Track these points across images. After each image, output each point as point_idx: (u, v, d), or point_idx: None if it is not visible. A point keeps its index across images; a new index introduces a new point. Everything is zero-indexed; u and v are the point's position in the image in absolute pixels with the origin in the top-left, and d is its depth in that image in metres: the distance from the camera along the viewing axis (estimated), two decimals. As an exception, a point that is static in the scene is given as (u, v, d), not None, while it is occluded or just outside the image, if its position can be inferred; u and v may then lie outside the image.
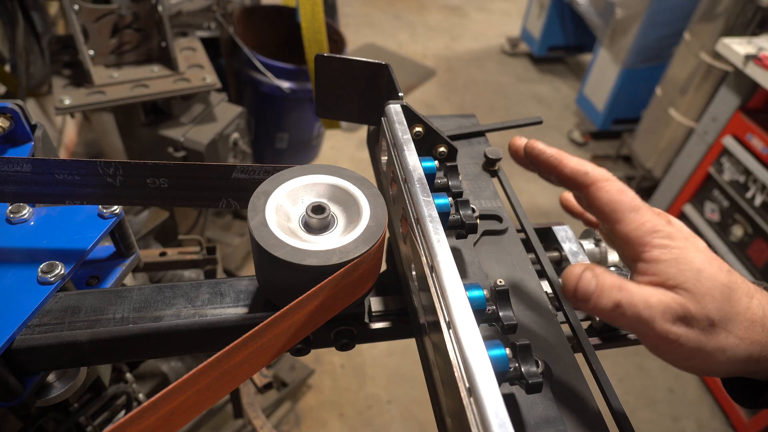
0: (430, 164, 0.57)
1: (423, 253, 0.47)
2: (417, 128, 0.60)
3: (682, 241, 0.42)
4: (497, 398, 0.35)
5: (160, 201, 0.56)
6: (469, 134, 0.77)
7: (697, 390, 2.27)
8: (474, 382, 0.36)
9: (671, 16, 2.79)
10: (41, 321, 0.51)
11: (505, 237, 0.66)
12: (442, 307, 0.42)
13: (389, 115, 0.59)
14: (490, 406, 0.35)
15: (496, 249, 0.64)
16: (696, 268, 0.41)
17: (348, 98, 0.70)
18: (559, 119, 3.74)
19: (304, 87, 2.07)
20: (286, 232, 0.47)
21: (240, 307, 0.54)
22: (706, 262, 0.41)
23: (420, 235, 0.48)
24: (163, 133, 1.57)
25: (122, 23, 1.41)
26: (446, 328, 0.41)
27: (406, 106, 0.59)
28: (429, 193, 0.50)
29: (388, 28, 4.59)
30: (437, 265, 0.44)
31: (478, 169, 0.72)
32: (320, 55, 0.66)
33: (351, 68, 0.66)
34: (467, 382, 0.37)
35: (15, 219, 0.59)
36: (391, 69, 0.63)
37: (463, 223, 0.54)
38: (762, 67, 1.90)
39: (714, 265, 0.41)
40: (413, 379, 2.16)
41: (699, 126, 2.38)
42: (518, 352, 0.43)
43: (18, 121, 0.65)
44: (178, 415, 0.38)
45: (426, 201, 0.49)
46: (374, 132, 0.73)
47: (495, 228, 0.66)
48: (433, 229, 0.46)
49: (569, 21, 3.92)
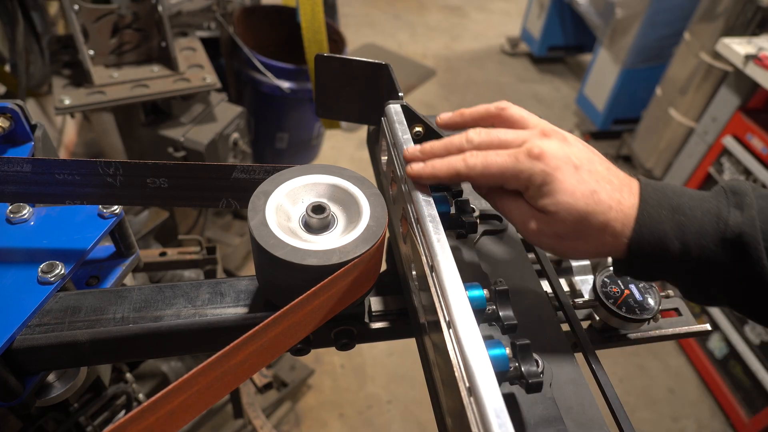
0: None
1: (423, 252, 0.47)
2: (417, 128, 0.60)
3: (553, 169, 0.47)
4: (497, 398, 0.35)
5: (160, 201, 0.56)
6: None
7: (697, 390, 2.27)
8: (474, 382, 0.36)
9: (671, 16, 2.79)
10: (41, 321, 0.51)
11: (504, 236, 0.66)
12: (442, 306, 0.42)
13: (389, 114, 0.59)
14: (490, 405, 0.35)
15: (496, 248, 0.64)
16: (560, 200, 0.47)
17: (348, 98, 0.70)
18: (559, 119, 3.74)
19: (304, 87, 2.07)
20: (286, 231, 0.47)
21: (240, 307, 0.54)
22: (572, 189, 0.47)
23: (420, 234, 0.48)
24: (163, 133, 1.57)
25: (122, 23, 1.41)
26: (446, 328, 0.41)
27: (406, 105, 0.59)
28: (429, 192, 0.51)
29: (388, 28, 4.58)
30: (437, 264, 0.44)
31: None
32: (320, 55, 0.66)
33: (351, 68, 0.66)
34: (467, 382, 0.37)
35: (15, 219, 0.59)
36: (390, 69, 0.63)
37: (463, 222, 0.55)
38: (762, 67, 1.89)
39: (578, 192, 0.47)
40: (413, 379, 2.16)
41: (699, 126, 2.38)
42: (518, 352, 0.43)
43: (18, 121, 0.65)
44: (179, 415, 0.38)
45: (426, 201, 0.50)
46: (374, 132, 0.73)
47: (495, 228, 0.66)
48: (433, 229, 0.47)
49: (569, 21, 3.92)
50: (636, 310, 0.60)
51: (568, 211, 0.47)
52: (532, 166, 0.48)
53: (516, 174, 0.48)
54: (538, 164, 0.48)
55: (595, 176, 0.48)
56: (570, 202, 0.47)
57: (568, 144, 0.50)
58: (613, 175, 0.50)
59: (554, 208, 0.48)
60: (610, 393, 0.51)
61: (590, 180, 0.48)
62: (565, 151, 0.49)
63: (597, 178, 0.48)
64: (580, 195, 0.47)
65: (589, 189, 0.47)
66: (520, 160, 0.48)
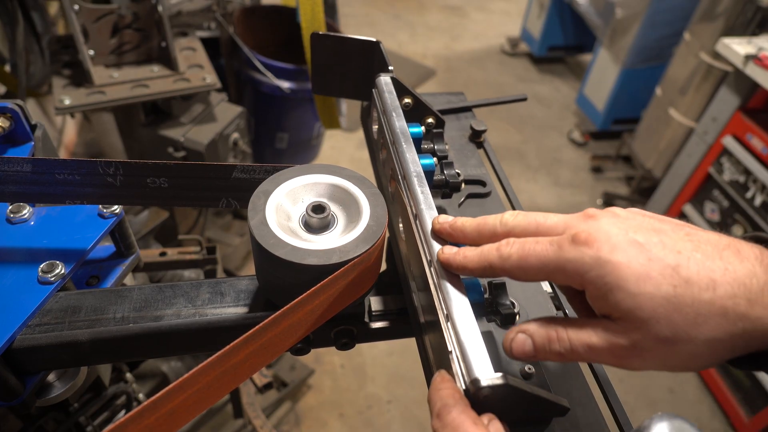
0: (417, 129, 0.61)
1: (408, 204, 0.51)
2: (406, 99, 0.64)
3: (608, 252, 0.36)
4: (471, 319, 0.40)
5: (160, 201, 0.56)
6: (457, 109, 0.81)
7: (697, 390, 2.27)
8: (449, 305, 0.41)
9: (671, 16, 2.79)
10: (41, 321, 0.51)
11: (488, 200, 0.69)
12: (425, 250, 0.47)
13: (379, 86, 0.63)
14: (462, 324, 0.40)
15: (480, 210, 0.67)
16: (632, 292, 0.35)
17: (342, 75, 0.73)
18: (559, 119, 3.74)
19: (304, 87, 2.07)
20: (286, 231, 0.47)
21: (240, 306, 0.54)
22: (643, 273, 0.35)
23: (405, 188, 0.52)
24: (163, 133, 1.57)
25: (122, 23, 1.41)
26: (427, 266, 0.46)
27: (395, 78, 0.63)
28: (414, 152, 0.54)
29: (388, 28, 4.58)
30: (420, 212, 0.48)
31: (465, 140, 0.76)
32: (316, 33, 0.68)
33: (345, 45, 0.69)
34: (445, 309, 0.42)
35: (15, 219, 0.59)
36: (382, 46, 0.67)
37: (447, 182, 0.58)
38: (762, 67, 1.89)
39: (654, 272, 0.35)
40: (413, 379, 2.16)
41: (699, 126, 2.38)
42: (494, 289, 0.48)
43: (18, 121, 0.65)
44: (179, 415, 0.38)
45: (412, 159, 0.53)
46: (367, 107, 0.76)
47: (479, 191, 0.69)
48: (417, 183, 0.51)
49: (569, 21, 3.92)
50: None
51: (651, 303, 0.35)
52: (581, 255, 0.37)
53: (561, 266, 0.38)
54: (587, 251, 0.37)
55: (672, 247, 0.37)
56: (647, 290, 0.35)
57: (622, 218, 0.40)
58: (698, 240, 0.37)
59: (629, 303, 0.36)
60: (610, 393, 0.51)
61: (666, 253, 0.36)
62: (620, 226, 0.38)
63: (676, 248, 0.36)
64: (657, 276, 0.35)
65: (668, 265, 0.36)
66: (564, 248, 0.38)
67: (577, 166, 3.36)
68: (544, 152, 3.45)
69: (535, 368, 0.48)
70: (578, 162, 3.38)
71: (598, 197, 3.12)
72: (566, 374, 0.51)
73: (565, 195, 3.16)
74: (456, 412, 0.35)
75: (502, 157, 3.32)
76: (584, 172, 3.32)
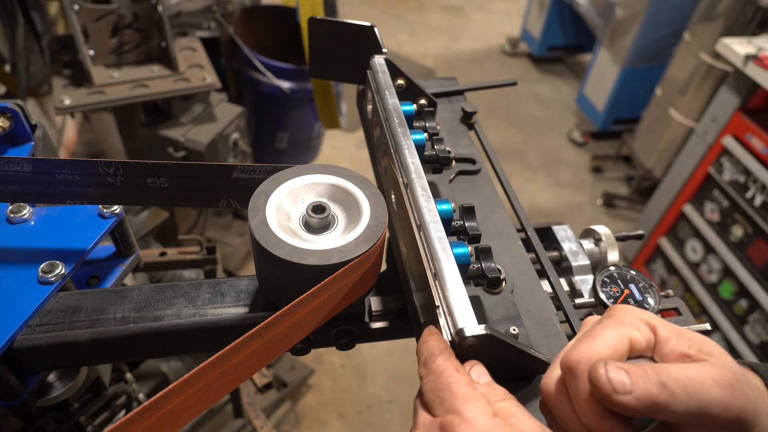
0: (409, 107, 0.63)
1: (399, 175, 0.52)
2: (399, 81, 0.67)
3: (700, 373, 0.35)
4: (458, 282, 0.42)
5: (160, 201, 0.56)
6: (449, 93, 0.83)
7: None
8: (440, 266, 0.43)
9: (671, 16, 2.79)
10: (42, 321, 0.51)
11: (478, 177, 0.71)
12: (415, 216, 0.48)
13: (374, 66, 0.66)
14: (452, 286, 0.42)
15: (470, 186, 0.70)
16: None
17: (339, 59, 0.76)
18: (559, 119, 3.74)
19: (304, 87, 2.07)
20: (286, 231, 0.47)
21: (240, 306, 0.54)
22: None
23: (397, 160, 0.54)
24: (163, 133, 1.57)
25: (122, 23, 1.41)
26: (417, 231, 0.47)
27: (389, 59, 0.66)
28: (406, 127, 0.57)
29: (388, 28, 4.58)
30: (411, 182, 0.50)
31: (456, 122, 0.78)
32: (313, 17, 0.71)
33: (341, 30, 0.72)
34: (433, 268, 0.44)
35: (15, 219, 0.59)
36: (376, 30, 0.69)
37: (438, 157, 0.60)
38: (762, 67, 1.89)
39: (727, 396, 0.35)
40: (413, 379, 2.16)
41: (699, 126, 2.38)
42: (480, 254, 0.50)
43: (18, 121, 0.65)
44: (179, 415, 0.38)
45: (403, 133, 0.55)
46: (363, 91, 0.78)
47: (469, 169, 0.71)
48: (409, 155, 0.53)
49: (569, 21, 3.92)
50: (636, 309, 0.60)
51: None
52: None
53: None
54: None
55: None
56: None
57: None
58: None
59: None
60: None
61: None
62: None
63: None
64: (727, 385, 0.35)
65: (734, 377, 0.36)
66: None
67: (577, 166, 3.36)
68: (544, 152, 3.45)
69: (519, 330, 0.50)
70: (578, 162, 3.38)
71: (598, 197, 3.12)
72: (549, 336, 0.52)
73: (565, 195, 3.16)
74: (441, 360, 0.39)
75: (502, 157, 3.32)
76: (584, 172, 3.32)
